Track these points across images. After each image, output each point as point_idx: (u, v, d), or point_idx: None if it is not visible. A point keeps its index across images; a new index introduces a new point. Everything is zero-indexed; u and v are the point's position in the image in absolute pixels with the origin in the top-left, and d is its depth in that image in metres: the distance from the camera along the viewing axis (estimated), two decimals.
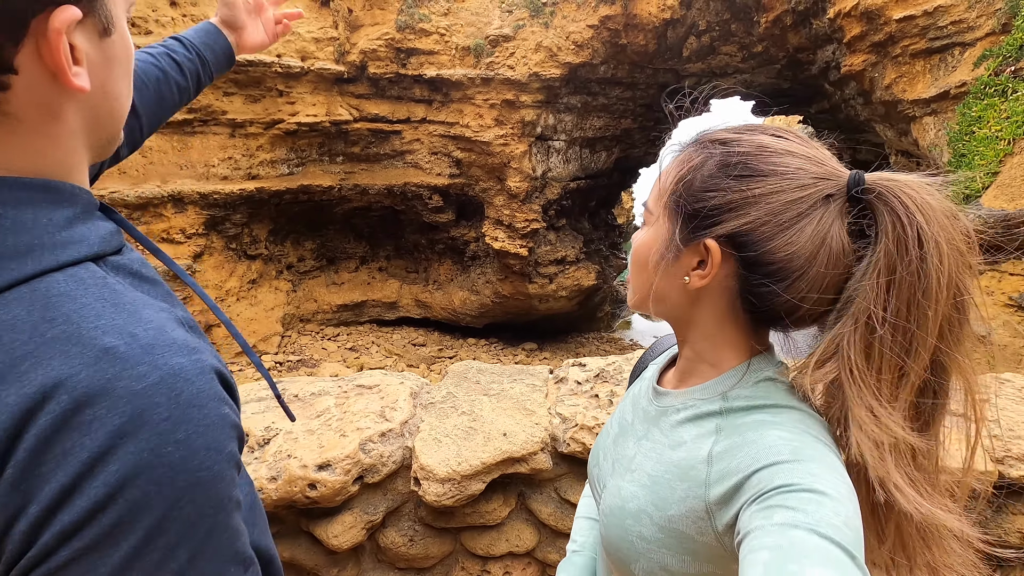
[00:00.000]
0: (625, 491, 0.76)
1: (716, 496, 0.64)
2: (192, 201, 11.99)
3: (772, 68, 13.42)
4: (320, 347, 14.32)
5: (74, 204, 0.54)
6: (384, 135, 14.04)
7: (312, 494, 1.83)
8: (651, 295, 0.76)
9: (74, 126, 0.54)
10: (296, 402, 2.28)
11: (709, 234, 0.68)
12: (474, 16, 13.24)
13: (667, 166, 0.77)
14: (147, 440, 0.45)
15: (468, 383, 2.42)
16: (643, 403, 0.85)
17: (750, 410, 0.69)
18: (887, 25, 8.38)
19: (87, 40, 0.51)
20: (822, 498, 0.54)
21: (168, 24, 11.36)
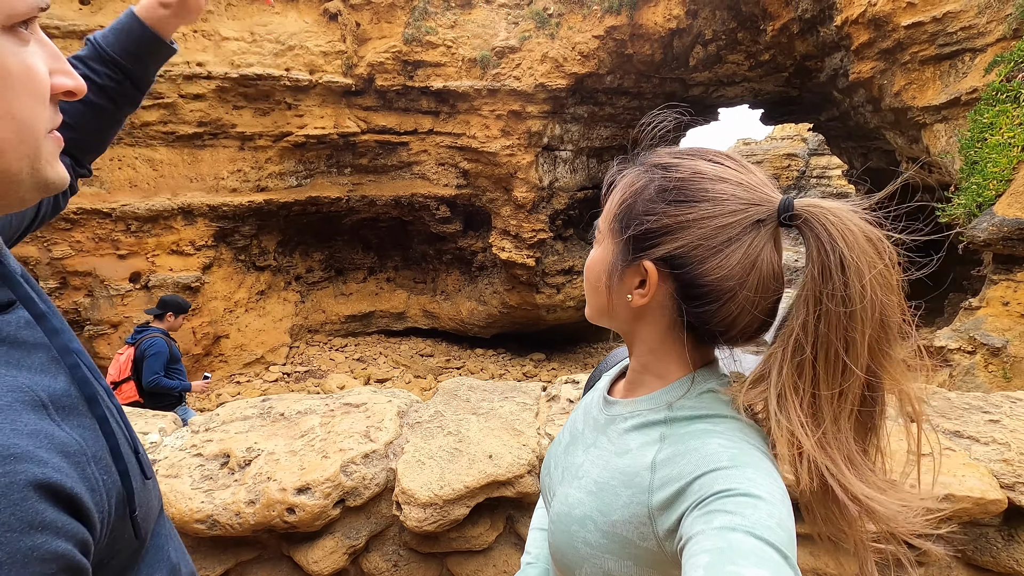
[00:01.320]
0: (572, 498, 0.78)
1: (658, 502, 0.67)
2: (202, 213, 12.10)
3: (780, 76, 13.34)
4: (328, 358, 14.34)
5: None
6: (391, 147, 14.11)
7: (291, 519, 1.78)
8: (602, 310, 0.80)
9: None
10: (282, 421, 2.24)
11: (647, 256, 0.72)
12: (480, 28, 13.32)
13: (614, 189, 0.80)
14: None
15: (458, 401, 2.36)
16: (594, 412, 0.88)
17: (693, 420, 0.72)
18: (895, 32, 8.28)
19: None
20: (758, 502, 0.58)
21: (180, 40, 11.54)
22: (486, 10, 13.53)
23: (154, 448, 2.11)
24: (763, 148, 43.53)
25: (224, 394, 11.97)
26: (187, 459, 2.01)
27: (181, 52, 11.47)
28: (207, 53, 11.71)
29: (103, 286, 11.21)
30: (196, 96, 11.70)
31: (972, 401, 2.16)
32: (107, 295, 11.22)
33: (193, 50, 11.66)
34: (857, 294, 0.62)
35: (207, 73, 11.59)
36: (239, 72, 11.79)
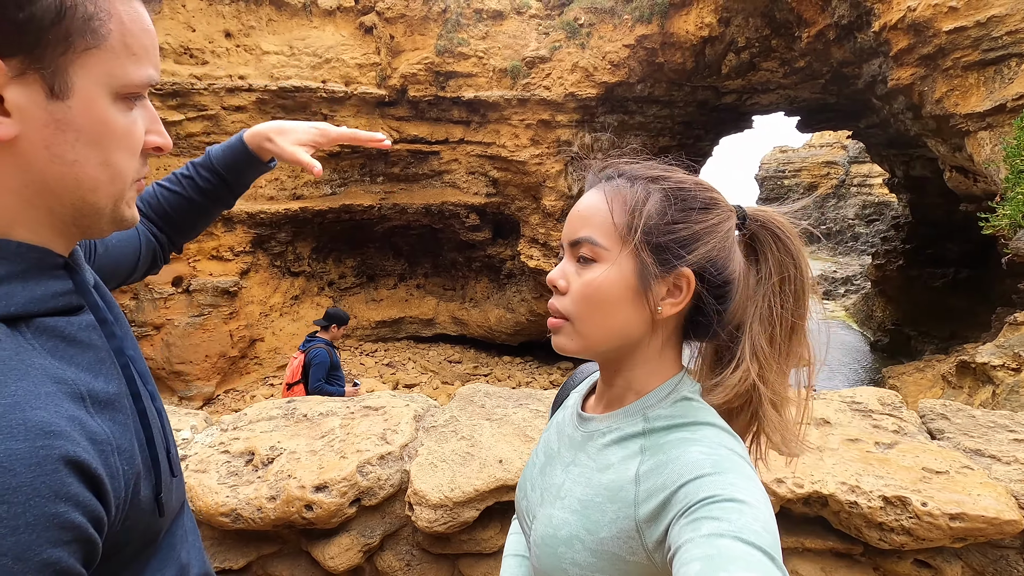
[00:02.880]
0: (556, 518, 0.77)
1: (645, 514, 0.67)
2: (241, 220, 12.56)
3: (816, 83, 13.06)
4: (358, 362, 14.62)
5: (13, 263, 0.54)
6: (423, 156, 14.38)
7: (308, 515, 1.86)
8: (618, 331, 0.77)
9: (13, 182, 0.54)
10: (304, 421, 2.34)
11: (683, 263, 0.74)
12: (511, 39, 13.49)
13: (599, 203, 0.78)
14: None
15: (473, 406, 2.42)
16: (568, 430, 0.87)
17: (671, 429, 0.74)
18: (936, 37, 8.04)
19: (26, 95, 0.52)
20: (742, 506, 0.59)
21: (223, 54, 12.06)
22: (517, 21, 13.70)
23: (186, 444, 2.23)
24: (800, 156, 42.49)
25: (258, 395, 12.34)
26: (215, 456, 2.12)
27: (224, 66, 11.99)
28: (248, 67, 12.20)
29: (147, 289, 11.73)
30: (237, 108, 12.18)
31: (998, 419, 2.10)
32: (151, 298, 11.73)
33: (236, 64, 12.16)
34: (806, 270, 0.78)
35: (248, 86, 12.06)
36: (278, 84, 12.23)
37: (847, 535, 1.73)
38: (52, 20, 0.51)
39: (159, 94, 11.44)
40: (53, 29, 0.51)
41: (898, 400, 2.26)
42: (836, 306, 25.17)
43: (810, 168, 41.11)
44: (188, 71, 11.70)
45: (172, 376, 11.85)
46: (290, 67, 12.47)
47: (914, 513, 1.57)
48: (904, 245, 17.67)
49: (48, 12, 0.50)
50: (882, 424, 2.07)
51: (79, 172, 0.57)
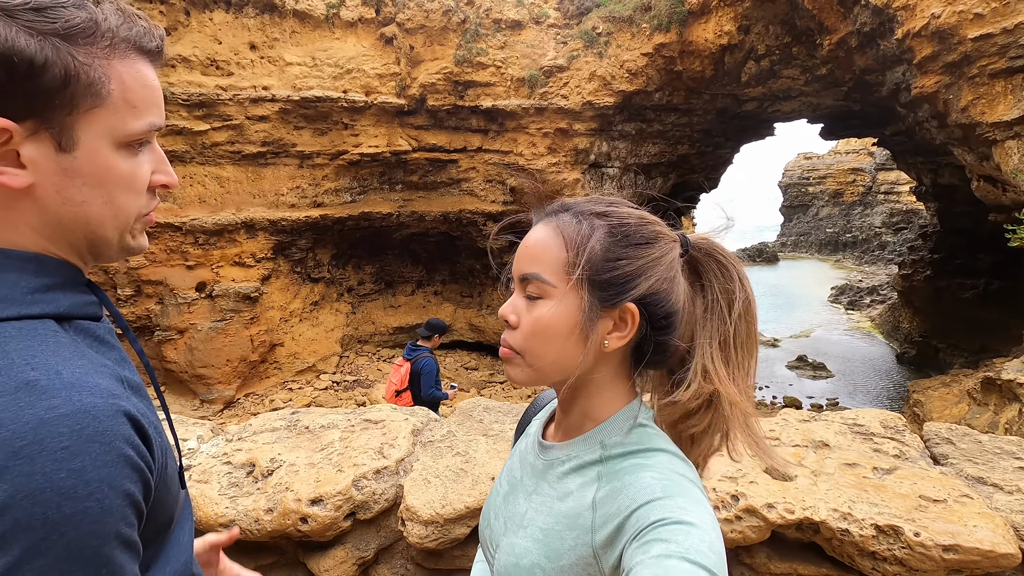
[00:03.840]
0: (519, 547, 0.79)
1: (601, 540, 0.70)
2: (263, 227, 12.83)
3: (839, 90, 12.87)
4: (375, 368, 14.77)
5: (55, 276, 0.64)
6: (441, 164, 14.52)
7: (304, 528, 1.90)
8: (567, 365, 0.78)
9: (32, 220, 0.63)
10: (306, 434, 2.38)
11: (626, 298, 0.76)
12: (529, 48, 13.57)
13: (546, 240, 0.80)
14: (43, 464, 0.49)
15: (471, 421, 2.44)
16: (530, 458, 0.89)
17: (626, 456, 0.76)
18: (961, 44, 7.86)
19: (38, 151, 0.60)
20: (690, 528, 0.62)
21: (248, 65, 12.37)
22: (535, 30, 13.78)
23: (191, 454, 2.29)
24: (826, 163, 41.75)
25: (277, 400, 12.54)
26: (218, 466, 2.17)
27: (248, 77, 12.31)
28: (272, 77, 12.49)
29: (172, 294, 12.04)
30: (261, 118, 12.47)
31: (1005, 445, 2.05)
32: (175, 303, 12.04)
33: (260, 75, 12.46)
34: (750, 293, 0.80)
35: (271, 96, 12.35)
36: (300, 95, 12.50)
37: (841, 563, 1.71)
38: (58, 88, 0.59)
39: (186, 105, 11.78)
40: (60, 95, 0.59)
41: (901, 423, 2.22)
42: (861, 316, 24.59)
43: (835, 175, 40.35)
44: (214, 82, 12.03)
45: (194, 379, 12.11)
46: (312, 78, 12.73)
47: (906, 543, 1.54)
48: (932, 255, 17.21)
49: (55, 81, 0.59)
50: (883, 448, 2.03)
51: (87, 211, 0.65)
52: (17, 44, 0.56)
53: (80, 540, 0.50)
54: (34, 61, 0.57)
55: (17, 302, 0.60)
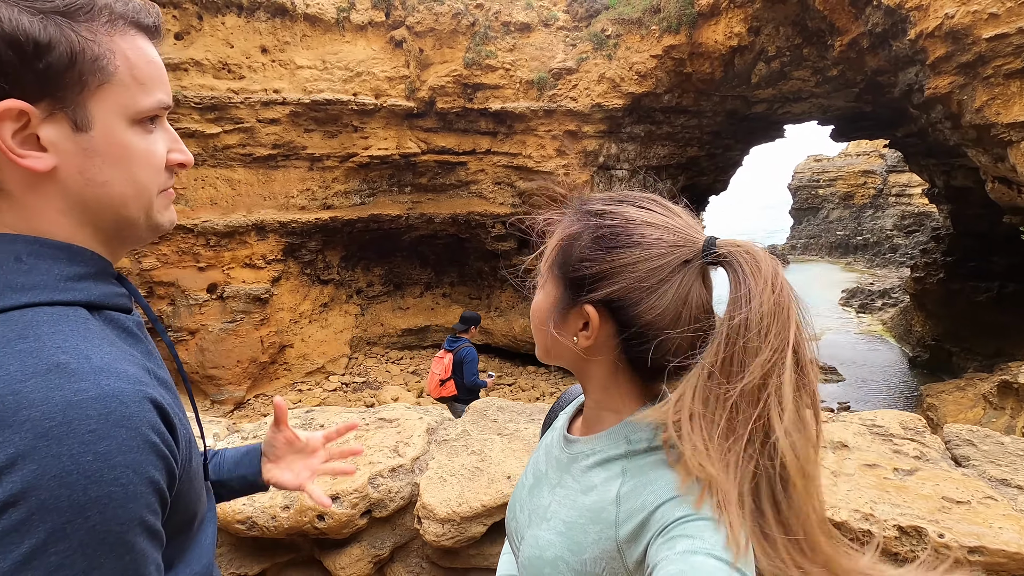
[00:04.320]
0: (542, 540, 0.79)
1: (625, 534, 0.69)
2: (273, 229, 12.91)
3: (850, 92, 12.77)
4: (384, 370, 14.80)
5: (87, 265, 0.65)
6: (450, 166, 14.56)
7: (320, 525, 1.90)
8: (550, 351, 0.84)
9: (58, 204, 0.64)
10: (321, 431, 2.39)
11: (587, 300, 0.75)
12: (538, 51, 13.59)
13: (554, 235, 0.83)
14: (69, 446, 0.49)
15: (485, 421, 2.44)
16: (555, 451, 0.90)
17: (650, 451, 0.75)
18: (976, 45, 7.78)
19: (56, 132, 0.61)
20: (718, 524, 0.61)
21: (259, 69, 12.47)
22: (544, 33, 13.80)
23: None
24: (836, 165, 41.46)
25: (286, 401, 12.59)
26: None
27: (259, 80, 12.41)
28: (283, 81, 12.58)
29: (184, 295, 12.14)
30: (272, 120, 12.57)
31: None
32: (187, 304, 12.13)
33: (271, 78, 12.56)
34: (755, 326, 0.64)
35: (282, 99, 12.44)
36: (311, 98, 12.58)
37: None
38: (66, 65, 0.59)
39: (198, 108, 11.89)
40: (68, 73, 0.59)
41: (921, 424, 2.19)
42: (873, 320, 24.35)
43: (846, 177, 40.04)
44: (226, 85, 12.14)
45: (205, 380, 12.20)
46: (322, 81, 12.81)
47: (930, 544, 1.52)
48: (945, 257, 17.02)
49: (62, 59, 0.59)
50: (903, 449, 2.01)
51: (110, 191, 0.66)
52: (21, 24, 0.55)
53: (104, 524, 0.50)
54: (39, 40, 0.56)
55: (50, 288, 0.60)
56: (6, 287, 0.57)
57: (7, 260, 0.59)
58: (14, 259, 0.59)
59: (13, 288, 0.58)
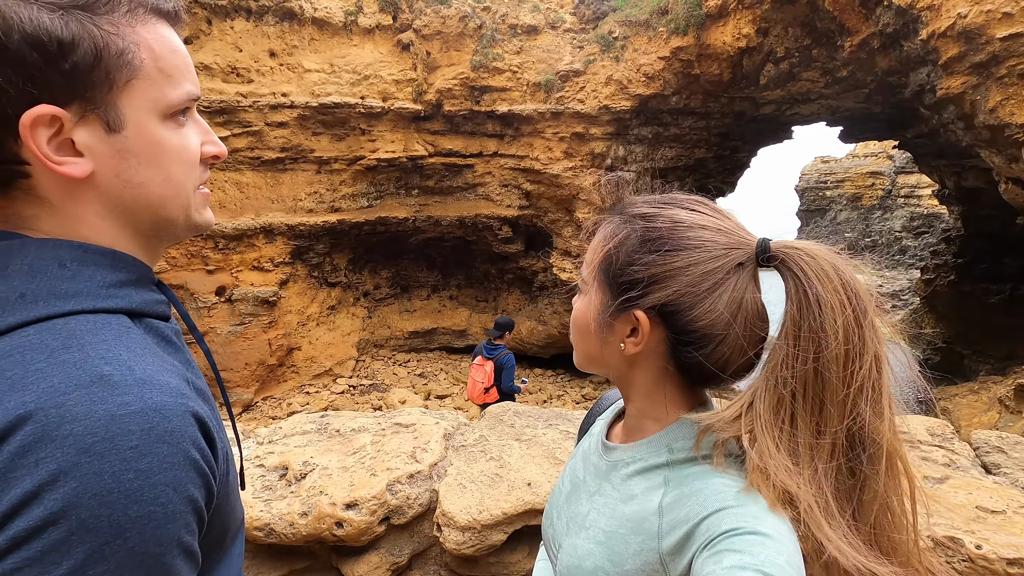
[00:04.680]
0: (581, 549, 0.77)
1: (669, 547, 0.67)
2: (281, 232, 12.94)
3: (860, 92, 12.67)
4: (391, 372, 14.79)
5: (129, 272, 0.64)
6: (457, 169, 14.55)
7: (339, 532, 1.88)
8: (593, 358, 0.82)
9: (97, 209, 0.62)
10: (337, 437, 2.37)
11: (638, 305, 0.73)
12: (545, 53, 13.57)
13: (596, 239, 0.81)
14: (111, 463, 0.48)
15: (503, 426, 2.41)
16: (593, 458, 0.88)
17: (694, 461, 0.72)
18: (989, 44, 7.70)
19: (90, 135, 0.59)
20: (766, 539, 0.59)
21: (268, 72, 12.52)
22: (551, 35, 13.79)
23: None
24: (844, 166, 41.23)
25: (294, 403, 12.61)
26: (251, 469, 2.17)
27: (268, 84, 12.46)
28: (291, 84, 12.62)
29: (193, 298, 12.17)
30: (280, 124, 12.61)
31: None
32: (196, 307, 12.17)
33: (279, 82, 12.60)
34: (832, 332, 0.63)
35: (290, 103, 12.48)
36: (319, 101, 12.61)
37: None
38: (92, 63, 0.56)
39: (207, 111, 11.94)
40: (95, 71, 0.57)
41: (949, 431, 2.15)
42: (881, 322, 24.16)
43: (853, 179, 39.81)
44: (235, 89, 12.19)
45: (214, 383, 12.23)
46: (330, 84, 12.84)
47: (967, 556, 1.48)
48: (956, 259, 16.86)
49: (87, 57, 0.56)
50: (931, 456, 1.96)
51: (148, 191, 0.64)
52: (43, 23, 0.52)
53: (143, 546, 0.48)
54: (62, 39, 0.54)
55: (93, 295, 0.59)
56: (50, 294, 0.56)
57: (51, 266, 0.57)
58: (58, 265, 0.58)
59: (57, 295, 0.56)
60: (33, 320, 0.53)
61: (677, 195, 0.80)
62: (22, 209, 0.59)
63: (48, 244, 0.59)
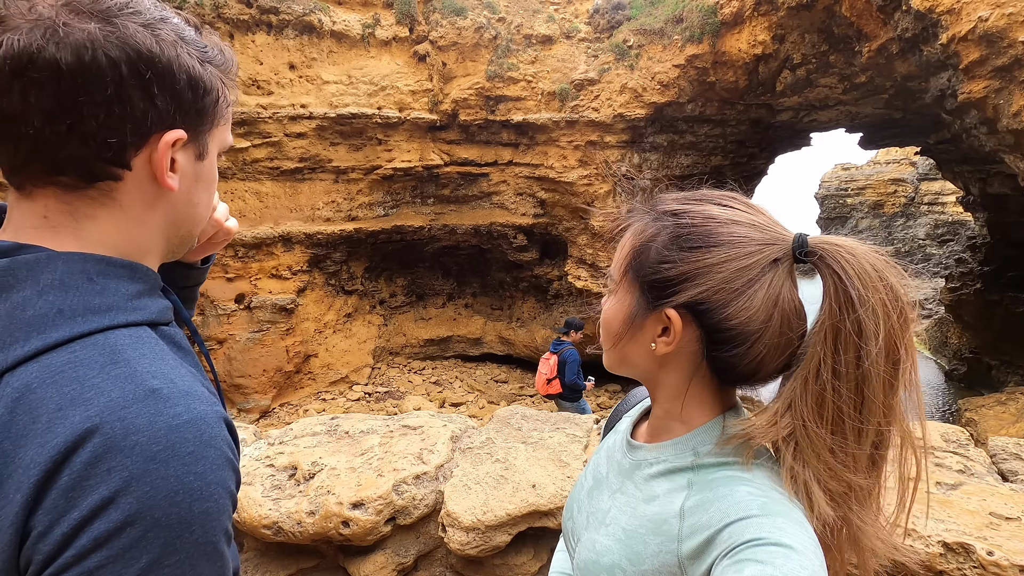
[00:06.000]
0: (600, 545, 0.77)
1: (688, 550, 0.66)
2: (299, 241, 13.14)
3: (879, 98, 12.51)
4: (406, 380, 14.86)
5: (145, 282, 0.69)
6: (472, 177, 14.66)
7: (345, 531, 1.90)
8: (623, 359, 0.80)
9: (160, 219, 0.70)
10: (346, 438, 2.40)
11: (669, 303, 0.72)
12: (560, 62, 13.65)
13: (625, 238, 0.80)
14: (175, 468, 0.54)
15: (510, 429, 2.42)
16: (617, 456, 0.87)
17: (720, 466, 0.72)
18: (1012, 48, 7.56)
19: (185, 158, 0.69)
20: (789, 552, 0.58)
21: (287, 84, 12.79)
22: (566, 45, 13.87)
23: None
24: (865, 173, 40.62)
25: (311, 410, 12.73)
26: (261, 468, 2.20)
27: (287, 96, 12.71)
28: (310, 96, 12.87)
29: (213, 306, 12.40)
30: (298, 134, 12.84)
31: None
32: (215, 314, 12.39)
33: (298, 93, 12.85)
34: (872, 331, 0.63)
35: (309, 113, 12.72)
36: (337, 112, 12.83)
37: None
38: (212, 106, 0.70)
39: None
40: (212, 112, 0.70)
41: (964, 437, 2.10)
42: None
43: (875, 186, 39.19)
44: (255, 101, 12.46)
45: (232, 389, 12.40)
46: (348, 95, 13.06)
47: (978, 562, 1.44)
48: (982, 267, 16.45)
49: (211, 102, 0.69)
50: (945, 463, 1.92)
51: (196, 212, 0.75)
52: (198, 71, 0.66)
53: (204, 537, 0.55)
54: (207, 86, 0.67)
55: (121, 309, 0.63)
56: (86, 309, 0.60)
57: (81, 280, 0.61)
58: (86, 279, 0.61)
59: (92, 310, 0.60)
60: (77, 336, 0.57)
61: (708, 191, 0.79)
62: (82, 206, 0.64)
63: (75, 258, 0.62)
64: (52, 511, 0.50)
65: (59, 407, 0.52)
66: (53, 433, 0.51)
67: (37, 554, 0.50)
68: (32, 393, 0.53)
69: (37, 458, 0.50)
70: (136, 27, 0.59)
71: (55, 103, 0.56)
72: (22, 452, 0.51)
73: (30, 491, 0.50)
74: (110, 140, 0.60)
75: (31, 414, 0.52)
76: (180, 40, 0.64)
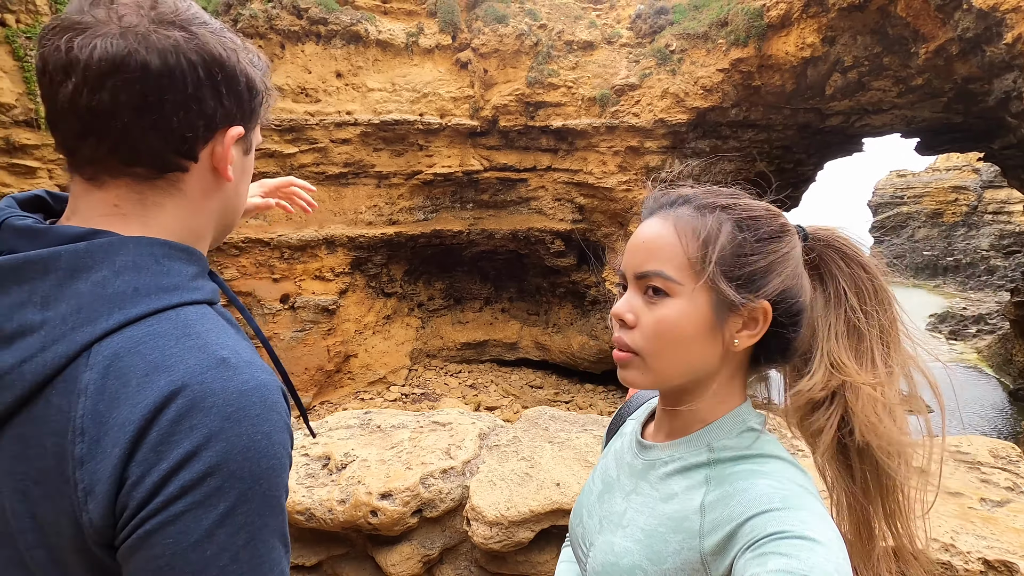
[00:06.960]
0: (618, 547, 0.76)
1: (711, 546, 0.66)
2: (342, 244, 13.54)
3: (937, 102, 11.95)
4: (443, 382, 15.05)
5: (199, 265, 0.74)
6: (511, 183, 14.77)
7: (373, 521, 1.96)
8: (685, 364, 0.75)
9: (214, 208, 0.77)
10: (378, 432, 2.47)
11: (761, 295, 0.73)
12: (601, 68, 13.63)
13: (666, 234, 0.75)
14: (246, 427, 0.60)
15: (537, 428, 2.44)
16: (628, 458, 0.86)
17: (737, 460, 0.73)
18: None
19: (238, 152, 0.76)
20: (814, 545, 0.58)
21: (334, 92, 13.23)
22: (607, 50, 13.84)
23: None
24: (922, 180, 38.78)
25: (349, 408, 13.05)
26: (296, 457, 2.29)
27: (334, 103, 13.14)
28: (355, 103, 13.27)
29: (259, 305, 12.90)
30: (344, 140, 13.26)
31: None
32: (262, 313, 12.88)
33: (344, 100, 13.28)
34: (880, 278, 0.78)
35: (354, 120, 13.12)
36: (380, 118, 13.19)
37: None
38: (259, 106, 0.77)
39: (278, 129, 12.73)
40: (259, 111, 0.77)
41: (1015, 453, 1.99)
42: (966, 347, 22.36)
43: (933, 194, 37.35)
44: (303, 108, 12.94)
45: None
46: (391, 102, 13.41)
47: None
48: None
49: (261, 101, 0.77)
50: (992, 479, 1.83)
51: (238, 203, 0.81)
52: (253, 75, 0.73)
53: (271, 490, 0.61)
54: (258, 88, 0.75)
55: (187, 289, 0.69)
56: (158, 288, 0.66)
57: (149, 262, 0.67)
58: (154, 261, 0.67)
59: (162, 289, 0.66)
60: (152, 312, 0.64)
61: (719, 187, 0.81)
62: (151, 195, 0.70)
63: (143, 242, 0.68)
64: (144, 463, 0.56)
65: (146, 373, 0.59)
66: (143, 395, 0.58)
67: (131, 500, 0.56)
68: (120, 360, 0.59)
69: (131, 416, 0.57)
70: (208, 35, 0.67)
71: (142, 100, 0.63)
72: (116, 412, 0.57)
73: (126, 446, 0.56)
74: (187, 135, 0.67)
75: (121, 379, 0.58)
76: (240, 47, 0.72)
